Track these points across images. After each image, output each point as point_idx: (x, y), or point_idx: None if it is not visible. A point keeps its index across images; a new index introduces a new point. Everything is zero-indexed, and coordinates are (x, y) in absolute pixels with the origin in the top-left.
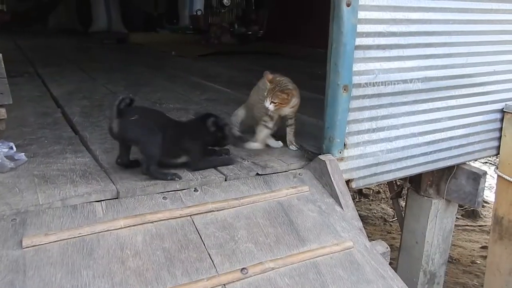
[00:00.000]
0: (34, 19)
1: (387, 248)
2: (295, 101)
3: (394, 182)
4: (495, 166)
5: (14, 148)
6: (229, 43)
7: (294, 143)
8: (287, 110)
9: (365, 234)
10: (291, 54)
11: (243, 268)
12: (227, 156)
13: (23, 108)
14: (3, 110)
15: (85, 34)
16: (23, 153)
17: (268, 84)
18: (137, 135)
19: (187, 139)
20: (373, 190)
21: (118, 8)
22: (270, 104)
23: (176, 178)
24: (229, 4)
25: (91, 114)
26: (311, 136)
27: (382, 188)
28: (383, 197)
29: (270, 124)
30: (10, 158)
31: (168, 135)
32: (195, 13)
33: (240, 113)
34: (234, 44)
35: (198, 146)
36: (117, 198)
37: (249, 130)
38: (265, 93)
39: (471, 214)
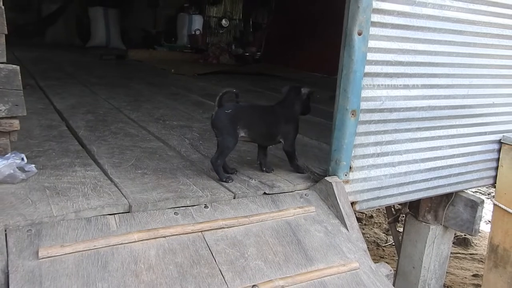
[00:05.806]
0: (33, 32)
1: (390, 270)
2: None
3: (392, 206)
4: (486, 196)
5: (25, 159)
6: (227, 63)
7: None
8: None
9: (370, 256)
10: (288, 77)
11: (254, 285)
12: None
13: (27, 120)
14: (16, 122)
15: (83, 48)
16: (33, 165)
17: None
18: (221, 128)
19: (283, 124)
20: (366, 214)
21: (117, 24)
22: None
23: (229, 181)
24: (227, 25)
25: (96, 128)
26: (314, 158)
27: (375, 213)
28: (376, 221)
29: None
30: (21, 169)
31: (266, 124)
32: (193, 33)
33: None
34: (232, 64)
35: (293, 128)
36: (129, 212)
37: None
38: None
39: (463, 242)
